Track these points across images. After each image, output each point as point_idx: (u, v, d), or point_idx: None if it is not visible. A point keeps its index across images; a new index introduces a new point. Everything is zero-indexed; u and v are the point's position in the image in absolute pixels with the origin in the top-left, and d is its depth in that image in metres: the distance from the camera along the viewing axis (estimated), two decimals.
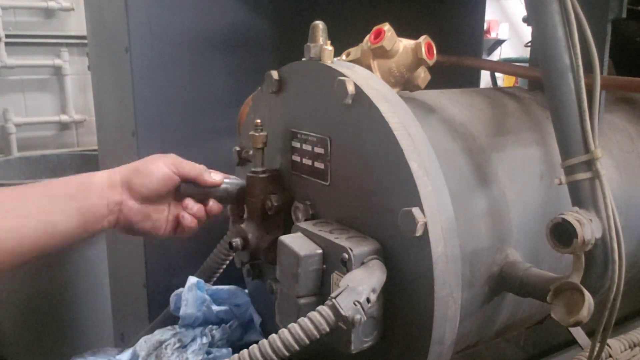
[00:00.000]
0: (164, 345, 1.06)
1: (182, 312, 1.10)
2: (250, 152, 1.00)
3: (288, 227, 0.92)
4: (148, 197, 0.91)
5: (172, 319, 1.17)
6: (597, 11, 1.02)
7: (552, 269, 0.89)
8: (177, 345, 1.06)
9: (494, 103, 1.07)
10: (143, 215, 0.92)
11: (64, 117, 3.34)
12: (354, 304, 0.70)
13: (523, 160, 0.98)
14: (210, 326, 1.10)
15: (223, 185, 0.98)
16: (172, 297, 1.18)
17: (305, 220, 0.92)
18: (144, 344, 1.06)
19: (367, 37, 0.94)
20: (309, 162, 0.93)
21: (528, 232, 0.95)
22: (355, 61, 0.94)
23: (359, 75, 0.84)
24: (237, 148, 1.11)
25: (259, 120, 0.97)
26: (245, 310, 1.17)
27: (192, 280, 1.13)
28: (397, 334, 0.79)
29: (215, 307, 1.14)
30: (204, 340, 1.07)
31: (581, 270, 0.79)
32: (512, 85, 4.16)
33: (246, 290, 1.20)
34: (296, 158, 0.96)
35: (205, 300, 1.13)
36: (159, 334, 1.08)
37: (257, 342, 0.68)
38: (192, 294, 1.12)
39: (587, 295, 0.75)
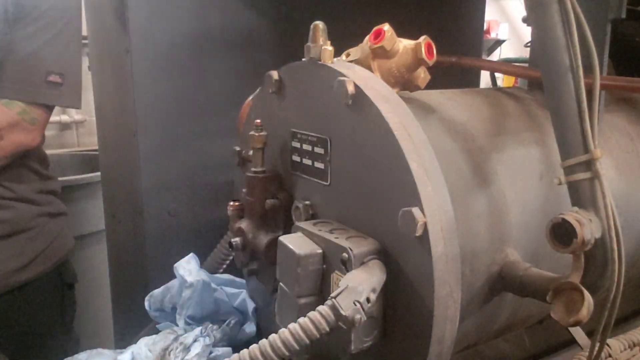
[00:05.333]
0: (167, 351, 1.05)
1: (188, 279, 1.12)
2: (250, 152, 1.01)
3: (288, 227, 0.93)
4: None
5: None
6: (597, 11, 1.02)
7: (552, 269, 0.89)
8: (180, 348, 1.06)
9: (494, 103, 1.07)
10: None
11: (64, 118, 3.34)
12: (354, 303, 0.70)
13: (523, 160, 0.99)
14: (210, 325, 1.10)
15: None
16: (147, 299, 1.20)
17: (305, 220, 0.92)
18: (148, 354, 1.06)
19: (367, 38, 0.94)
20: (309, 162, 0.93)
21: (528, 232, 0.95)
22: (356, 61, 0.94)
23: (358, 75, 0.85)
24: (237, 148, 1.11)
25: (259, 121, 0.98)
26: (241, 300, 1.18)
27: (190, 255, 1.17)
28: (397, 333, 0.80)
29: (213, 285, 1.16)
30: (207, 341, 1.07)
31: (581, 270, 0.79)
32: (512, 85, 4.16)
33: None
34: (296, 158, 0.96)
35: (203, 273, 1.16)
36: (162, 341, 1.07)
37: (255, 338, 0.68)
38: (192, 264, 1.15)
39: (587, 295, 0.75)
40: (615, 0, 1.03)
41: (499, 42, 5.63)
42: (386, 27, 0.92)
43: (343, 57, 0.97)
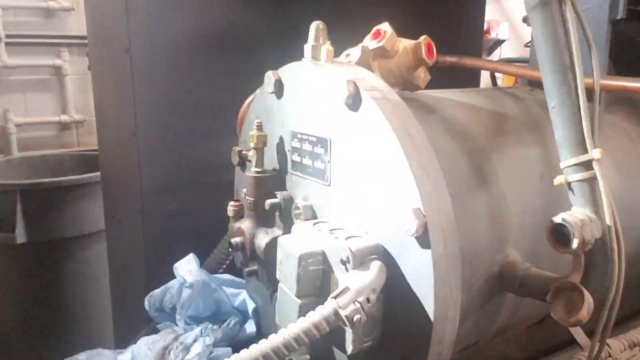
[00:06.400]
0: (167, 351, 1.05)
1: (188, 279, 1.12)
2: (250, 152, 1.01)
3: (288, 227, 0.93)
4: None
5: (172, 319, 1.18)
6: (597, 11, 1.02)
7: (552, 269, 0.89)
8: (180, 348, 1.06)
9: (494, 103, 1.07)
10: None
11: (64, 117, 3.34)
12: (354, 304, 0.70)
13: (523, 161, 0.99)
14: (210, 325, 1.10)
15: None
16: (147, 299, 1.20)
17: (305, 220, 0.92)
18: (148, 352, 1.05)
19: (367, 38, 0.94)
20: (309, 162, 0.93)
21: (528, 232, 0.95)
22: (356, 61, 0.94)
23: (359, 75, 0.85)
24: (237, 148, 1.11)
25: (259, 121, 0.98)
26: (241, 300, 1.18)
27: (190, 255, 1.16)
28: (397, 333, 0.79)
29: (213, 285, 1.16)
30: (207, 341, 1.07)
31: (581, 270, 0.79)
32: (512, 85, 4.16)
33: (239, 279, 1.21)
34: (296, 158, 0.96)
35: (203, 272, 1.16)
36: (162, 340, 1.07)
37: (255, 338, 0.68)
38: (192, 264, 1.15)
39: (587, 295, 0.75)
40: (615, 1, 1.03)
41: (499, 42, 5.62)
42: (386, 27, 0.92)
43: (343, 57, 0.97)
